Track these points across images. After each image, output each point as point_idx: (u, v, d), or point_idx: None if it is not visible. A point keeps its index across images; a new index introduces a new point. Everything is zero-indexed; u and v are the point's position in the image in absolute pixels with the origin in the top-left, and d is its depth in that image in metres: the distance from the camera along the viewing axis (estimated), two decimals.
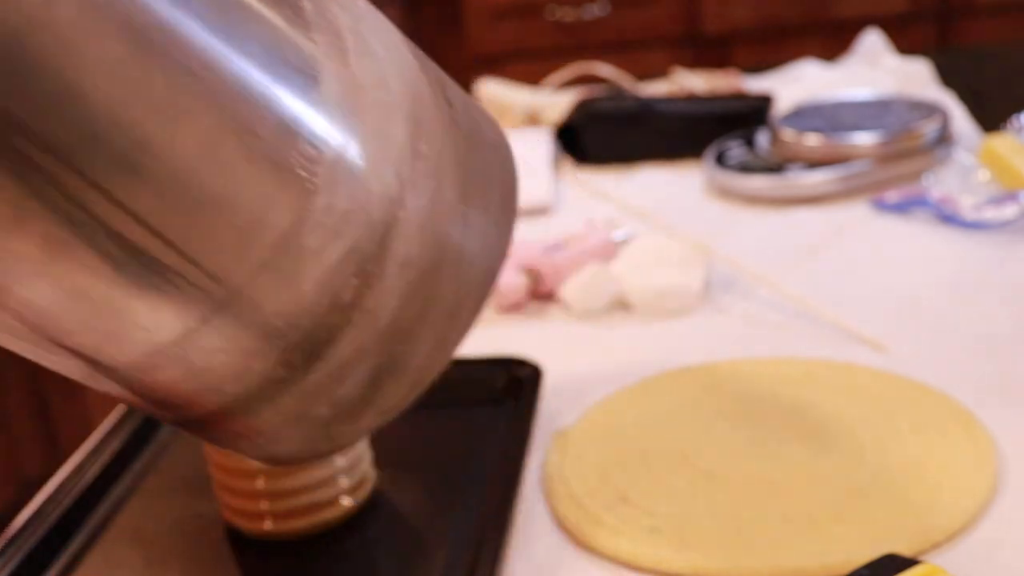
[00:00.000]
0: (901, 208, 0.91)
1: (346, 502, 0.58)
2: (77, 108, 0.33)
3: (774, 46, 2.27)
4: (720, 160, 1.02)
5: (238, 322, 0.38)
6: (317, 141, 0.37)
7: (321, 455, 0.47)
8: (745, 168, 1.00)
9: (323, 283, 0.38)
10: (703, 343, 0.74)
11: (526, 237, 0.90)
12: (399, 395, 0.44)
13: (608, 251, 0.85)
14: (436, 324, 0.42)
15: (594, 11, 2.22)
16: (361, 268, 0.38)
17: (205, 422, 0.42)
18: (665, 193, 1.03)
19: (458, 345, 0.44)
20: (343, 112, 0.37)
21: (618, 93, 1.19)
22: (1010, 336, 0.71)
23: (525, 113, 1.25)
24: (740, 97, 1.18)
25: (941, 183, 0.93)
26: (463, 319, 0.44)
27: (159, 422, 0.69)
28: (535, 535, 0.57)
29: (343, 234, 0.38)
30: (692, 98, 1.18)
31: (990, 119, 1.08)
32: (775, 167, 0.99)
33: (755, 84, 1.29)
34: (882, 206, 0.92)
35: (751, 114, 1.11)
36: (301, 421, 0.41)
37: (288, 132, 0.36)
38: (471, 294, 0.44)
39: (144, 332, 0.37)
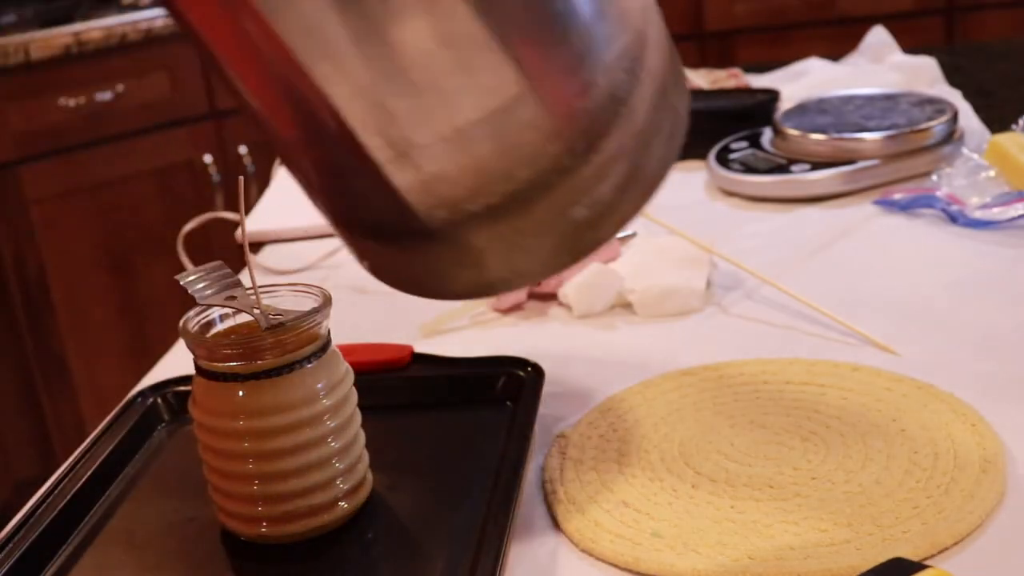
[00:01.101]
0: (908, 207, 0.90)
1: (344, 505, 0.57)
2: None
3: (778, 42, 2.26)
4: (724, 158, 1.01)
5: (551, 98, 0.41)
6: None
7: (554, 271, 0.46)
8: (749, 167, 0.99)
9: (608, 71, 0.42)
10: (706, 344, 0.73)
11: None
12: (634, 203, 0.46)
13: (609, 251, 0.84)
14: (663, 139, 0.46)
15: None
16: (631, 65, 0.43)
17: (468, 223, 0.43)
18: (667, 192, 1.02)
19: (668, 169, 0.47)
20: None
21: None
22: (1019, 336, 0.70)
23: None
24: (745, 93, 1.17)
25: (948, 182, 0.92)
26: (675, 146, 0.47)
27: (152, 426, 0.68)
28: (535, 538, 0.56)
29: (625, 28, 0.42)
30: (695, 94, 1.17)
31: (998, 117, 1.07)
32: (780, 166, 0.98)
33: (759, 81, 1.28)
34: (888, 205, 0.91)
35: (756, 111, 1.10)
36: (558, 222, 0.44)
37: None
38: (680, 127, 0.47)
39: (484, 93, 0.40)
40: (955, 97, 1.15)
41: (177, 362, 0.78)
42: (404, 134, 0.41)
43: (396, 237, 0.46)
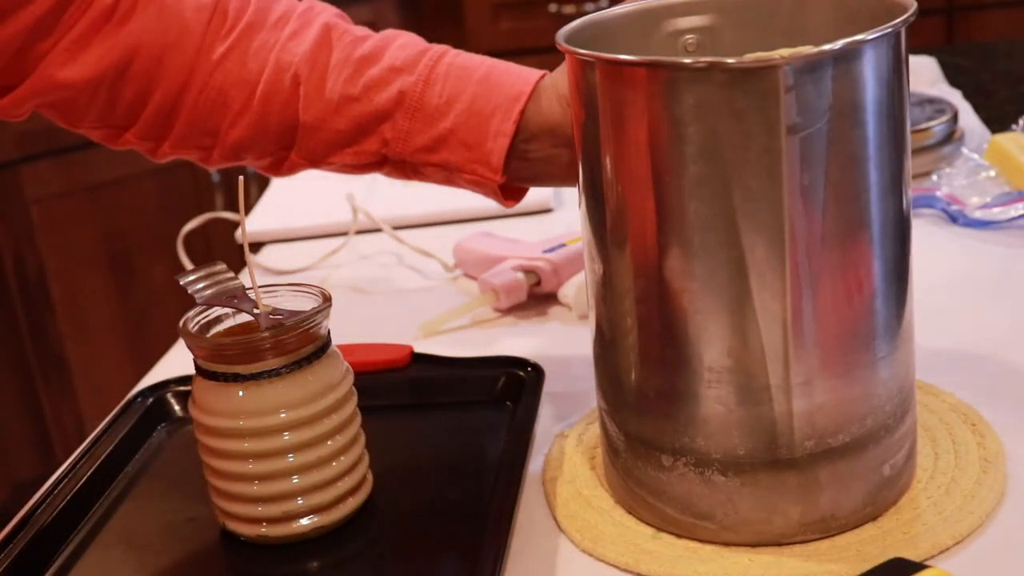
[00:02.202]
0: None
1: (344, 506, 0.57)
2: None
3: None
4: None
5: (898, 363, 0.52)
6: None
7: (860, 520, 0.53)
8: None
9: (912, 370, 0.55)
10: None
11: (526, 237, 0.89)
12: (907, 477, 0.55)
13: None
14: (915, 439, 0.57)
15: (595, 6, 2.21)
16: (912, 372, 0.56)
17: (822, 458, 0.51)
18: None
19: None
20: None
21: None
22: (1019, 336, 0.70)
23: None
24: None
25: (948, 182, 0.92)
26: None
27: (152, 426, 0.68)
28: (536, 538, 0.56)
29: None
30: None
31: (998, 117, 1.07)
32: None
33: None
34: None
35: None
36: (874, 474, 0.53)
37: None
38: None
39: (871, 347, 0.51)
40: (955, 97, 1.15)
41: (177, 362, 0.78)
42: (817, 364, 0.50)
43: (749, 468, 0.51)
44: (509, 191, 0.67)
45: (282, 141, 0.67)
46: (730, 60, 0.46)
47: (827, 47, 0.46)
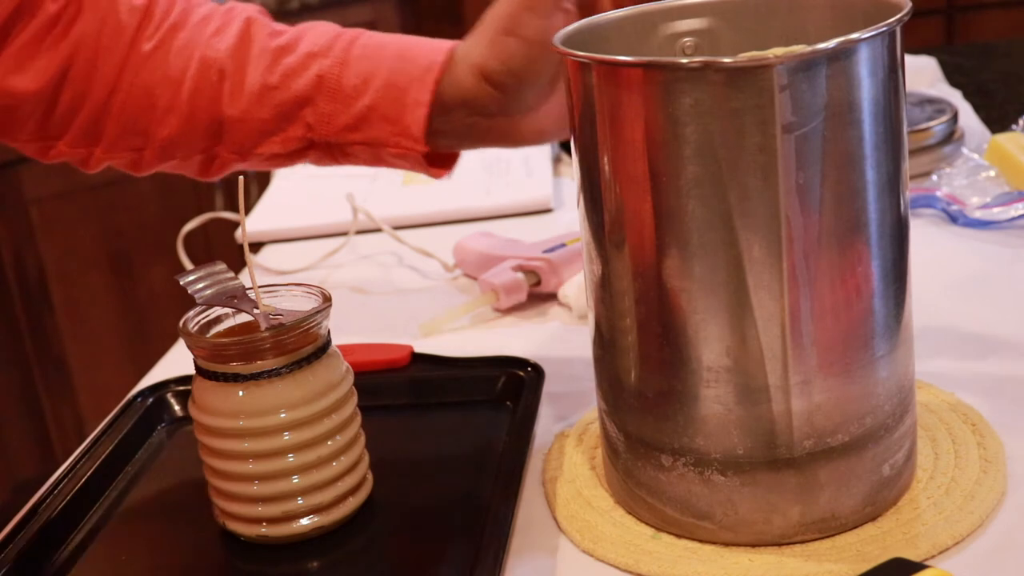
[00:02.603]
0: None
1: (343, 506, 0.57)
2: None
3: None
4: None
5: (898, 363, 0.52)
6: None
7: (860, 519, 0.53)
8: None
9: (912, 370, 0.55)
10: None
11: (526, 237, 0.89)
12: (907, 478, 0.55)
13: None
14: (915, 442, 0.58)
15: None
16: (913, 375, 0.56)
17: (821, 457, 0.51)
18: None
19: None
20: None
21: None
22: (1019, 336, 0.70)
23: None
24: None
25: (948, 182, 0.92)
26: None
27: (152, 426, 0.68)
28: (535, 538, 0.56)
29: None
30: None
31: (998, 117, 1.07)
32: None
33: None
34: None
35: None
36: (873, 473, 0.52)
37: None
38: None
39: (869, 346, 0.51)
40: (955, 97, 1.15)
41: (177, 362, 0.78)
42: (816, 364, 0.50)
43: (748, 467, 0.51)
44: (436, 162, 0.68)
45: (210, 137, 0.68)
46: (724, 59, 0.46)
47: (821, 46, 0.46)
